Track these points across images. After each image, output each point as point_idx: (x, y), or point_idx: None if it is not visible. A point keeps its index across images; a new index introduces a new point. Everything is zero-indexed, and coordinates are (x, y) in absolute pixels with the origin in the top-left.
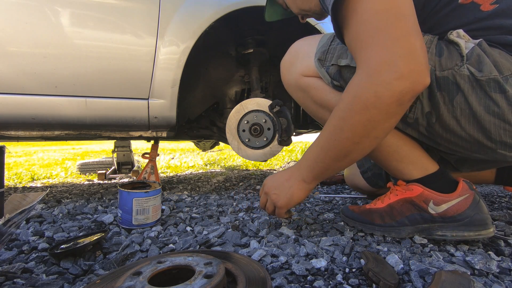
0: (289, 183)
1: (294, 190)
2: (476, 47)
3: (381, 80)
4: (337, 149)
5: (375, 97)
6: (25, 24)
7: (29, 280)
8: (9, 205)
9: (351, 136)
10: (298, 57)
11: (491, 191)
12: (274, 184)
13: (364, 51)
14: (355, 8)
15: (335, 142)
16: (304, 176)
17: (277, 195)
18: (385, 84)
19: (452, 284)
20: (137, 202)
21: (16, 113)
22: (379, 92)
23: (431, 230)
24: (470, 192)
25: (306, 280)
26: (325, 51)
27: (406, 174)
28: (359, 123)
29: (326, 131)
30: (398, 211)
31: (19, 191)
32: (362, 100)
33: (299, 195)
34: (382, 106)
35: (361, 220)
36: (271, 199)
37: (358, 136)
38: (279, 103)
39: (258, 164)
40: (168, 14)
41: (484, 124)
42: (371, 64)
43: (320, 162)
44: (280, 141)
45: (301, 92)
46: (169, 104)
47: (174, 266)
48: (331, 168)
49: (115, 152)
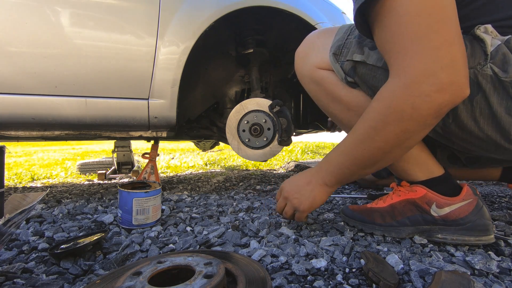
0: (310, 187)
1: (316, 194)
2: (503, 46)
3: (420, 91)
4: (365, 158)
5: (412, 109)
6: (25, 24)
7: (29, 280)
8: (9, 205)
9: (382, 146)
10: (313, 48)
11: (491, 191)
12: (294, 188)
13: (401, 58)
14: (394, 7)
15: (364, 151)
16: (326, 180)
17: (299, 199)
18: (424, 96)
19: (452, 284)
20: (137, 202)
21: (16, 113)
22: (417, 104)
23: (431, 232)
24: (474, 197)
25: (306, 280)
26: (341, 45)
27: (412, 175)
28: (392, 133)
29: (354, 139)
30: (400, 211)
31: (19, 191)
32: (398, 112)
33: (321, 198)
34: (419, 118)
35: (361, 219)
36: (292, 203)
37: (389, 146)
38: (279, 103)
39: (258, 164)
40: (168, 14)
41: (504, 126)
42: (409, 74)
43: (345, 168)
44: (280, 141)
45: (314, 84)
46: (169, 104)
47: (174, 266)
48: (356, 174)
49: (115, 152)
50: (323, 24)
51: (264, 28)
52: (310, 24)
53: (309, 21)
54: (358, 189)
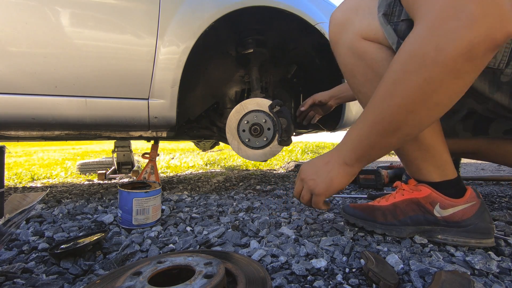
0: (328, 167)
1: (334, 175)
2: None
3: (445, 29)
4: (385, 121)
5: (436, 51)
6: (25, 24)
7: (29, 280)
8: (9, 205)
9: (403, 102)
10: (357, 12)
11: (491, 191)
12: (312, 169)
13: (424, 2)
14: None
15: (384, 112)
16: (346, 157)
17: (315, 180)
18: (450, 33)
19: (452, 284)
20: (137, 202)
21: (16, 113)
22: (442, 44)
23: (432, 232)
24: (477, 200)
25: (306, 280)
26: (391, 2)
27: (425, 174)
28: (414, 84)
29: (373, 101)
30: (402, 210)
31: (19, 191)
32: (419, 56)
33: (339, 180)
34: (445, 61)
35: (362, 217)
36: (307, 185)
37: (412, 102)
38: (279, 103)
39: (258, 164)
40: (168, 14)
41: None
42: (432, 13)
43: (365, 139)
44: (280, 141)
45: (355, 58)
46: (169, 104)
47: (174, 266)
48: (378, 146)
49: (115, 152)
50: (323, 24)
51: (264, 28)
52: (310, 24)
53: (309, 21)
54: (358, 189)
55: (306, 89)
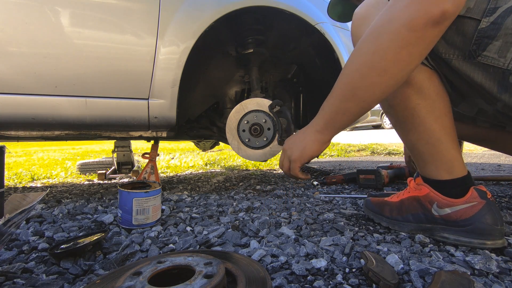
0: (303, 136)
1: (307, 142)
2: None
3: (395, 6)
4: (344, 86)
5: (388, 22)
6: (25, 24)
7: (29, 280)
8: (9, 205)
9: (357, 67)
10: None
11: (491, 191)
12: (291, 140)
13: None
14: None
15: (343, 78)
16: (317, 125)
17: (292, 149)
18: (398, 9)
19: (452, 284)
20: (137, 202)
21: (16, 113)
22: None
23: (433, 230)
24: (480, 201)
25: (306, 280)
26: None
27: (431, 171)
28: (367, 51)
29: (340, 73)
30: (406, 207)
31: (19, 191)
32: (377, 27)
33: (312, 147)
34: (391, 29)
35: (374, 210)
36: (286, 154)
37: (364, 66)
38: (279, 103)
39: (258, 164)
40: (168, 14)
41: None
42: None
43: (330, 105)
44: (280, 141)
45: None
46: (169, 104)
47: (174, 266)
48: (340, 111)
49: (115, 152)
50: (323, 24)
51: (264, 28)
52: (310, 24)
53: (309, 21)
54: (358, 189)
55: (306, 89)
